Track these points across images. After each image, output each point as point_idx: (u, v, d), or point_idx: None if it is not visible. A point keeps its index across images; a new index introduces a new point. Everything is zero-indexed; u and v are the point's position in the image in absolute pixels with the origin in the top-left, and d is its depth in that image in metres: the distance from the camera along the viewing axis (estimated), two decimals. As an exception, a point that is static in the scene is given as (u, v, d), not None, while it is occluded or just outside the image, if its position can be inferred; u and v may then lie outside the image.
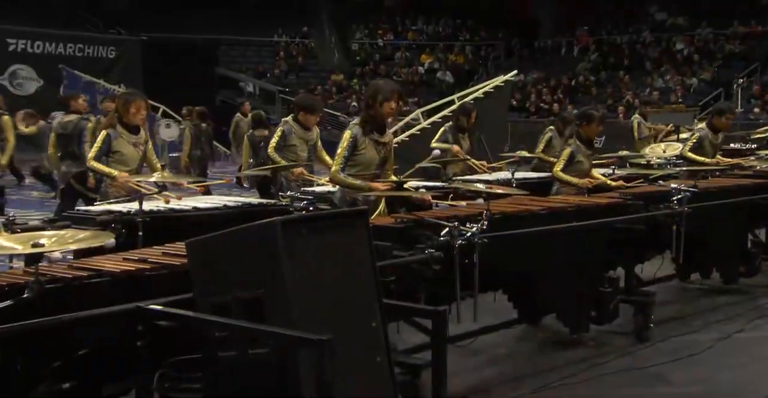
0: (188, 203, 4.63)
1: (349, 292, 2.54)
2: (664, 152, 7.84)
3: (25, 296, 2.45)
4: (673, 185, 4.86)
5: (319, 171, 6.71)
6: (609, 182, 5.91)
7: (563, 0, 24.04)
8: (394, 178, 4.63)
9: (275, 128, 6.61)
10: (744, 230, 5.90)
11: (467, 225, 3.51)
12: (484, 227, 3.53)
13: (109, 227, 3.95)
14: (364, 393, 2.47)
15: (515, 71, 14.54)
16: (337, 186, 4.57)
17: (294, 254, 2.38)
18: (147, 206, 4.27)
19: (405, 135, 12.70)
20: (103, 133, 5.08)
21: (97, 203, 4.87)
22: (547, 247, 4.07)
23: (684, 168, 6.71)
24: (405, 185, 4.65)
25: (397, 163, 8.37)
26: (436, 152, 6.99)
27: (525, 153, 8.25)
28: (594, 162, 6.30)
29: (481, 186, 4.41)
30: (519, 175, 6.55)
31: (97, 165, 5.04)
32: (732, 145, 9.52)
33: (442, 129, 7.63)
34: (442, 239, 3.46)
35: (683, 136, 9.29)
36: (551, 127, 8.42)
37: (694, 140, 7.02)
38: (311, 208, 4.66)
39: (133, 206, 4.27)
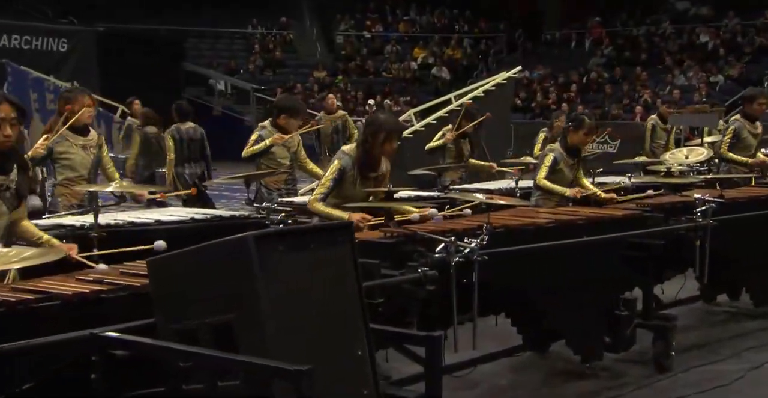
0: (150, 215, 4.62)
1: (331, 316, 2.54)
2: (687, 157, 7.88)
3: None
4: (696, 195, 4.88)
5: (301, 179, 6.72)
6: (601, 193, 5.80)
7: (573, -13, 24.25)
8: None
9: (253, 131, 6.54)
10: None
11: (465, 240, 3.52)
12: (484, 242, 3.54)
13: (59, 244, 3.93)
14: (349, 430, 2.46)
15: (519, 67, 14.65)
16: (315, 217, 4.58)
17: (269, 274, 2.38)
18: (103, 219, 4.26)
19: (395, 139, 12.72)
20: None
21: (46, 215, 4.86)
22: (554, 265, 4.09)
23: (710, 176, 6.74)
24: (396, 195, 4.66)
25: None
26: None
27: (530, 159, 8.28)
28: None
29: (480, 196, 4.43)
30: (523, 184, 6.58)
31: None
32: (763, 150, 9.57)
33: (441, 132, 7.65)
34: (437, 255, 3.47)
35: (708, 139, 9.34)
36: (544, 129, 8.60)
37: (731, 135, 7.10)
38: (290, 221, 4.68)
39: (88, 219, 4.26)
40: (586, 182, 6.03)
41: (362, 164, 4.43)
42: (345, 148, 4.57)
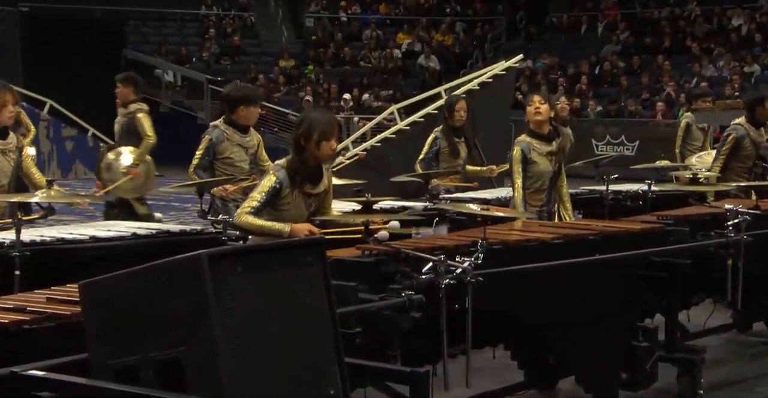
0: (84, 231, 4.60)
1: (299, 349, 2.54)
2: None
3: None
4: (727, 206, 4.92)
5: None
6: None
7: (583, -38, 24.43)
8: (332, 213, 4.58)
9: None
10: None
11: (457, 259, 3.53)
12: (479, 261, 3.55)
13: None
14: None
15: (520, 56, 14.74)
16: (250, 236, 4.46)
17: (226, 299, 2.38)
18: (27, 235, 4.23)
19: (376, 139, 12.81)
20: None
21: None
22: (562, 287, 4.11)
23: (744, 184, 6.78)
24: (375, 207, 4.67)
25: (368, 175, 8.34)
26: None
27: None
28: None
29: (475, 207, 4.45)
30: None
31: None
32: None
33: (431, 137, 7.58)
34: (424, 277, 3.48)
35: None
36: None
37: (730, 145, 6.97)
38: (250, 237, 4.67)
39: (8, 235, 4.23)
40: (566, 193, 5.88)
41: (300, 176, 4.34)
42: (280, 161, 4.48)
